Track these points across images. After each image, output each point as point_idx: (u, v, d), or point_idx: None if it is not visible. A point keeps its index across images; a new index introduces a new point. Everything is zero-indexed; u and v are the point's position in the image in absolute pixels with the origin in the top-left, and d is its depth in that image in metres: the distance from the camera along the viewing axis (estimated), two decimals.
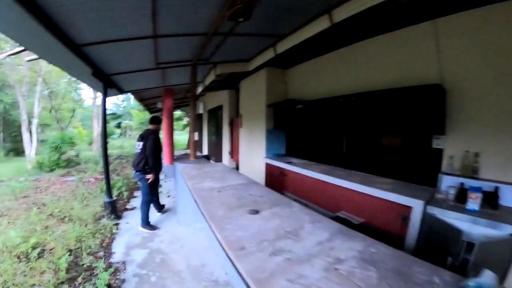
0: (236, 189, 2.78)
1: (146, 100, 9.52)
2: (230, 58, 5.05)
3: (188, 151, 5.91)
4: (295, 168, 4.41)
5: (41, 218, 4.75)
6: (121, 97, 31.92)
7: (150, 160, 4.15)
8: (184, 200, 4.20)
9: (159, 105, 7.98)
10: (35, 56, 3.20)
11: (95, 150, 16.24)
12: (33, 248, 3.56)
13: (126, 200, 5.84)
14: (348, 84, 4.23)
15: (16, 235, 3.78)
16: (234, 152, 8.47)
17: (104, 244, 3.86)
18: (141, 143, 4.24)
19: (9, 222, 4.64)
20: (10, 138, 20.69)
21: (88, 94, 26.06)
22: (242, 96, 7.25)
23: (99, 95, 18.15)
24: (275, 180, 5.00)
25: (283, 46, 3.85)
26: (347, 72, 4.28)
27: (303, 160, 5.12)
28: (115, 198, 4.86)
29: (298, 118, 5.13)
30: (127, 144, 25.75)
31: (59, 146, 10.94)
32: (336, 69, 4.51)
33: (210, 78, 5.75)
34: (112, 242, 3.98)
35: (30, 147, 11.89)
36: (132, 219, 4.83)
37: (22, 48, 3.33)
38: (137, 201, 5.86)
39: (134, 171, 4.37)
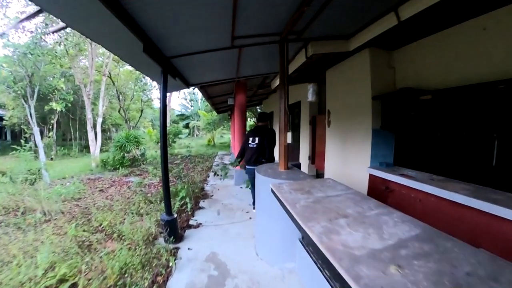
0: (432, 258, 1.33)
1: (214, 98, 8.65)
2: (326, 33, 3.73)
3: None
4: (416, 184, 3.09)
5: (85, 231, 3.94)
6: (188, 94, 33.55)
7: (268, 153, 4.37)
8: (269, 224, 2.95)
9: (230, 101, 6.96)
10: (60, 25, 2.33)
11: None
12: (61, 281, 2.60)
13: (190, 213, 4.79)
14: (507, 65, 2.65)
15: (44, 259, 2.88)
16: (317, 157, 7.04)
17: (155, 287, 2.75)
18: (256, 139, 4.45)
19: (45, 238, 3.87)
20: (85, 136, 22.13)
21: (157, 95, 27.12)
22: (329, 89, 5.80)
23: (167, 94, 18.30)
24: (377, 197, 3.50)
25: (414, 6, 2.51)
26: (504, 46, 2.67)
27: (421, 172, 3.61)
28: (175, 215, 3.79)
29: (421, 114, 3.77)
30: (194, 143, 26.48)
31: (123, 145, 10.68)
32: (480, 44, 2.93)
33: (298, 62, 4.45)
34: (167, 280, 2.87)
35: (95, 145, 11.92)
36: (196, 243, 3.72)
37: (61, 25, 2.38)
38: (203, 214, 4.82)
39: (248, 166, 4.63)
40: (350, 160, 5.01)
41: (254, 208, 4.81)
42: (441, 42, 3.52)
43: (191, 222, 4.46)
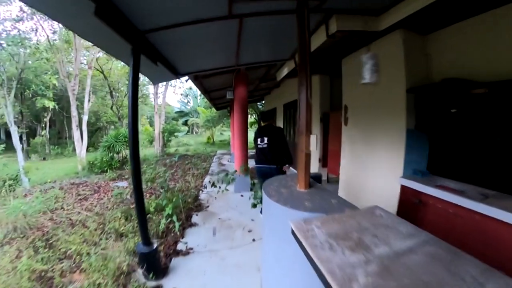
0: None
1: (212, 92, 7.70)
2: (353, 5, 2.87)
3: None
4: (464, 201, 2.48)
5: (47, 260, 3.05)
6: (186, 89, 32.85)
7: (286, 152, 4.26)
8: (283, 274, 2.01)
9: (229, 95, 6.00)
10: None
11: (157, 149, 15.24)
12: None
13: (178, 233, 3.86)
14: None
15: None
16: (329, 160, 6.12)
17: None
18: (265, 138, 4.27)
19: None
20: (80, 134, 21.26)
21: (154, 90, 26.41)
22: (346, 81, 4.88)
23: (162, 91, 17.32)
24: (408, 213, 3.24)
25: None
26: None
27: (465, 184, 2.94)
28: (155, 244, 2.86)
29: (468, 112, 2.98)
30: (193, 141, 25.63)
31: (112, 145, 9.73)
32: None
33: (315, 43, 3.52)
34: None
35: (81, 145, 10.92)
36: (184, 279, 2.83)
37: None
38: (195, 234, 3.91)
39: (258, 165, 4.44)
40: (375, 166, 4.10)
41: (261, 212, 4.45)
42: (492, 24, 2.71)
43: (179, 246, 3.54)
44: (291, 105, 8.43)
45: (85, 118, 11.44)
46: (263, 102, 15.49)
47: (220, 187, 4.87)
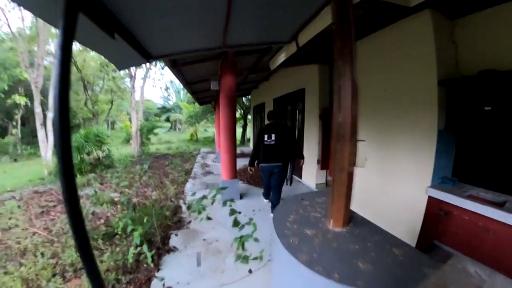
0: None
1: (194, 84, 6.78)
2: None
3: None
4: (502, 215, 2.11)
5: None
6: (166, 79, 31.48)
7: (296, 147, 4.33)
8: None
9: (214, 86, 5.07)
10: None
11: (134, 148, 14.07)
12: None
13: (152, 265, 2.97)
14: None
15: None
16: (330, 162, 5.36)
17: None
18: (272, 135, 4.15)
19: None
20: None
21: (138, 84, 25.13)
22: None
23: (139, 84, 16.03)
24: (431, 224, 2.87)
25: None
26: None
27: (502, 194, 2.52)
28: None
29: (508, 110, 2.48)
30: (176, 138, 24.49)
31: (82, 145, 8.60)
32: None
33: (325, 21, 2.75)
34: None
35: (46, 147, 9.68)
36: None
37: None
38: (174, 264, 3.05)
39: (263, 164, 4.30)
40: (396, 173, 3.39)
41: (266, 199, 4.83)
42: None
43: (153, 285, 2.67)
44: (283, 99, 7.61)
45: (50, 115, 10.14)
46: (249, 96, 14.64)
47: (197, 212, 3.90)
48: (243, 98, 17.51)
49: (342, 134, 1.24)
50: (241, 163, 8.70)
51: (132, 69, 14.20)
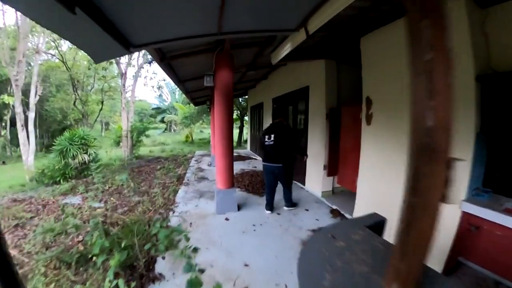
0: None
1: (187, 81, 6.21)
2: None
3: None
4: None
5: None
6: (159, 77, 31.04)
7: (296, 147, 4.30)
8: None
9: (208, 81, 4.50)
10: None
11: (124, 151, 13.40)
12: None
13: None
14: None
15: None
16: (340, 168, 4.85)
17: None
18: (272, 136, 4.08)
19: None
20: (46, 134, 19.22)
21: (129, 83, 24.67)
22: (369, 65, 3.60)
23: (131, 83, 15.41)
24: (463, 243, 2.44)
25: None
26: None
27: None
28: None
29: None
30: (171, 140, 23.96)
31: (66, 149, 7.96)
32: None
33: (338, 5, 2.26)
34: None
35: (27, 150, 9.01)
36: None
37: None
38: None
39: (265, 163, 4.28)
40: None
41: (268, 210, 4.45)
42: None
43: None
44: (284, 98, 7.07)
45: (31, 115, 9.48)
46: (246, 97, 14.07)
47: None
48: (240, 98, 16.96)
49: (432, 147, 0.69)
50: (239, 166, 8.15)
51: (123, 66, 13.56)
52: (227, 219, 4.20)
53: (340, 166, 4.79)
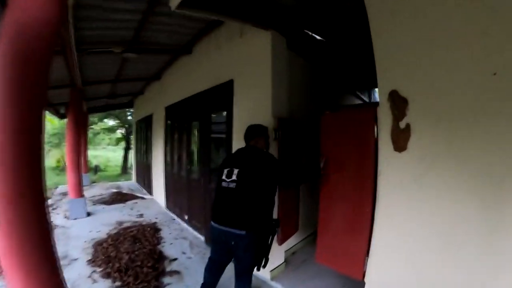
0: None
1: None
2: None
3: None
4: None
5: None
6: None
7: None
8: None
9: None
10: None
11: None
12: None
13: None
14: None
15: None
16: (322, 232, 2.42)
17: None
18: (235, 171, 2.03)
19: None
20: None
21: None
22: (400, 25, 1.52)
23: None
24: None
25: None
26: None
27: None
28: None
29: None
30: None
31: None
32: None
33: None
34: None
35: None
36: None
37: None
38: None
39: (214, 224, 2.07)
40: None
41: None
42: None
43: None
44: (185, 106, 4.43)
45: None
46: (133, 108, 10.47)
47: None
48: (128, 112, 13.38)
49: None
50: (113, 216, 4.86)
51: None
52: None
53: (321, 228, 2.45)
